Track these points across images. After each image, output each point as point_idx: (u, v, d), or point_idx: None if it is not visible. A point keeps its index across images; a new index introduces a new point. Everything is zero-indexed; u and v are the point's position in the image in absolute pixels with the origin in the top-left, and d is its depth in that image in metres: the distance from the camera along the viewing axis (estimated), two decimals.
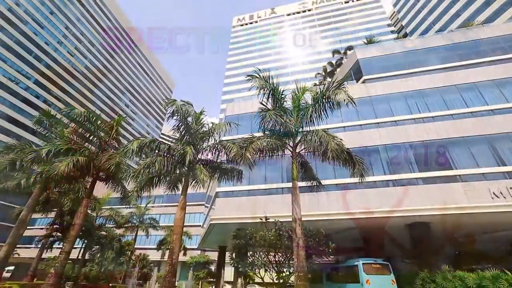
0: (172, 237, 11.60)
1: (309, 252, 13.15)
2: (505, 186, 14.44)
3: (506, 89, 18.27)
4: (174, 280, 10.72)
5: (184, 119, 12.83)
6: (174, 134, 14.12)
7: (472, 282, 12.04)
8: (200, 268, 38.79)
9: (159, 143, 12.41)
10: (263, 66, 13.06)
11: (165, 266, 11.03)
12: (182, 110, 12.45)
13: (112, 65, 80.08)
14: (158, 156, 11.91)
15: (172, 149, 12.46)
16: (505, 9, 47.71)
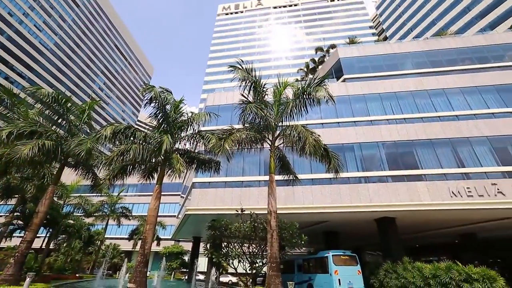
0: (145, 227, 11.35)
1: (283, 243, 13.53)
2: (463, 186, 15.73)
3: (470, 97, 19.70)
4: (146, 270, 10.54)
5: (163, 106, 12.42)
6: (151, 122, 13.65)
7: (428, 272, 13.12)
8: (174, 258, 38.46)
9: (135, 130, 11.94)
10: (246, 58, 12.97)
11: (137, 256, 10.79)
12: (160, 97, 12.02)
13: (85, 44, 74.84)
14: (133, 143, 11.47)
15: (149, 137, 12.06)
16: (475, 22, 50.99)
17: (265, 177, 16.60)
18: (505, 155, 16.83)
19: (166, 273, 35.10)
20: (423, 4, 64.38)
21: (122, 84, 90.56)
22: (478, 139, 17.57)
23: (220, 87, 66.38)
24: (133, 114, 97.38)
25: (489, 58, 22.57)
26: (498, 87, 19.86)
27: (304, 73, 47.45)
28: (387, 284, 14.70)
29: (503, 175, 16.04)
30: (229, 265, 14.19)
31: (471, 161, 16.86)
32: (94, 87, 76.74)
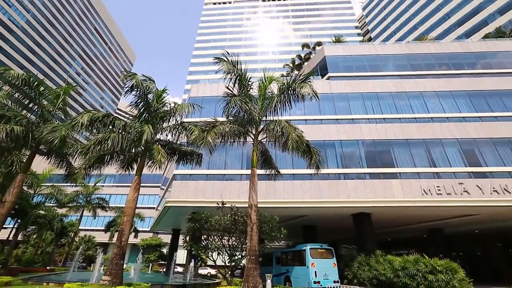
0: (122, 218, 11.05)
1: (262, 237, 13.74)
2: (433, 184, 16.69)
3: (444, 101, 20.77)
4: (122, 263, 10.32)
5: (144, 95, 12.00)
6: (132, 111, 13.16)
7: (398, 265, 13.92)
8: (152, 250, 37.91)
9: (114, 119, 11.47)
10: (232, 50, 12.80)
11: (113, 249, 10.52)
12: (142, 86, 11.60)
13: (61, 24, 70.19)
14: (112, 132, 11.02)
15: (129, 126, 11.64)
16: (453, 29, 53.47)
17: (247, 171, 16.66)
18: (471, 156, 18.00)
19: (144, 266, 34.59)
20: (407, 8, 66.41)
21: (101, 70, 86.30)
22: (449, 141, 18.64)
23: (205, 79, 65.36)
24: (113, 102, 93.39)
25: (463, 65, 23.83)
26: (469, 92, 21.08)
27: (290, 69, 47.68)
28: (360, 276, 15.43)
29: (469, 175, 17.18)
30: (208, 258, 14.23)
31: (442, 162, 17.89)
32: (71, 71, 72.56)
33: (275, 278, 17.73)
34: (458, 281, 12.28)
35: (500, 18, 46.10)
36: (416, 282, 12.92)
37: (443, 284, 12.27)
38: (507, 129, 18.90)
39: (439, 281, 12.35)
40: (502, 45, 25.03)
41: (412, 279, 13.12)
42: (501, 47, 24.73)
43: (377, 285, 14.59)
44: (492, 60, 23.94)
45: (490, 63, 23.75)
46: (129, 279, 13.58)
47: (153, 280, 16.88)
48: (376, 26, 76.59)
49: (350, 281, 15.76)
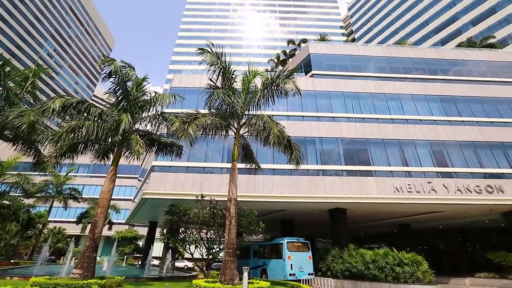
0: (96, 210, 10.64)
1: (241, 230, 13.85)
2: (405, 183, 17.63)
3: (419, 104, 21.84)
4: (95, 256, 9.98)
5: (123, 83, 11.50)
6: (109, 98, 12.59)
7: (369, 258, 14.65)
8: (127, 243, 36.98)
9: (90, 106, 10.91)
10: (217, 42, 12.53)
11: (85, 241, 10.13)
12: (121, 73, 11.10)
13: (32, 1, 65.03)
14: (87, 120, 10.49)
15: (105, 114, 11.12)
16: (430, 36, 56.06)
17: (228, 164, 16.62)
18: (440, 157, 19.19)
19: (118, 258, 33.69)
20: (389, 12, 68.56)
21: (76, 53, 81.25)
22: (421, 142, 19.71)
23: (188, 69, 63.80)
24: (88, 88, 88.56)
25: (437, 71, 25.14)
26: (441, 97, 22.32)
27: (274, 64, 47.73)
28: (333, 268, 16.07)
29: (437, 174, 18.33)
30: (186, 251, 14.13)
31: (414, 161, 18.90)
32: (42, 52, 67.64)
33: (252, 270, 18.02)
34: (421, 273, 13.18)
35: (472, 28, 48.96)
36: (384, 274, 13.69)
37: (408, 276, 13.11)
38: (472, 133, 20.30)
39: (405, 272, 13.18)
40: (472, 54, 26.68)
41: (381, 271, 13.89)
42: (471, 57, 26.35)
43: (349, 277, 15.30)
44: (462, 68, 25.46)
45: (461, 71, 25.25)
46: (102, 272, 13.19)
47: (128, 273, 16.53)
48: (360, 27, 78.45)
49: (324, 273, 16.38)
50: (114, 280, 9.54)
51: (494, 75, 24.95)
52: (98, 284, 8.26)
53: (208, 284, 8.54)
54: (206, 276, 12.93)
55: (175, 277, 14.56)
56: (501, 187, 17.82)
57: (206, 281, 9.44)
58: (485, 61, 25.97)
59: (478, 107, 21.98)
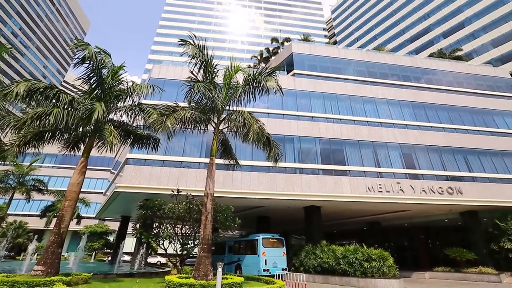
0: (63, 203, 10.05)
1: (217, 226, 13.80)
2: (376, 183, 18.53)
3: (393, 108, 22.97)
4: (60, 251, 9.43)
5: (98, 70, 10.88)
6: (82, 86, 11.86)
7: (340, 254, 15.28)
8: (96, 238, 35.35)
9: (59, 92, 10.21)
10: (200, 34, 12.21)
11: (50, 236, 9.54)
12: (96, 59, 10.48)
13: None
14: (55, 107, 9.81)
15: (77, 102, 10.47)
16: (406, 44, 59.00)
17: (206, 159, 16.43)
18: (409, 160, 20.38)
19: (86, 254, 32.18)
20: (370, 19, 71.06)
21: (45, 34, 75.34)
22: (393, 144, 20.78)
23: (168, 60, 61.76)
24: (58, 72, 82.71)
25: (411, 78, 26.55)
26: (412, 103, 23.65)
27: (257, 61, 47.67)
28: (306, 264, 16.58)
29: (405, 176, 19.46)
30: (159, 246, 13.82)
31: (385, 163, 19.90)
32: (5, 30, 61.94)
33: (226, 266, 18.07)
34: (387, 268, 14.01)
35: (443, 40, 52.22)
36: (353, 269, 14.37)
37: (375, 270, 13.88)
38: (438, 138, 21.76)
39: (372, 267, 13.93)
40: (442, 65, 28.49)
41: (350, 266, 14.56)
42: (441, 67, 28.14)
43: (321, 272, 15.87)
44: (433, 77, 27.12)
45: (431, 79, 26.88)
46: (67, 269, 12.54)
47: (96, 269, 15.86)
48: (341, 31, 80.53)
49: (297, 268, 16.84)
50: (80, 277, 9.11)
51: (460, 86, 26.88)
52: (62, 281, 7.84)
53: (181, 280, 8.43)
54: (179, 272, 12.76)
55: (147, 273, 14.21)
56: (460, 189, 19.33)
57: (179, 277, 9.31)
58: (453, 72, 27.88)
59: (445, 114, 23.58)
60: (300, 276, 13.01)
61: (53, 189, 29.12)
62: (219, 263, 8.42)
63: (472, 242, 20.60)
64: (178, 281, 8.20)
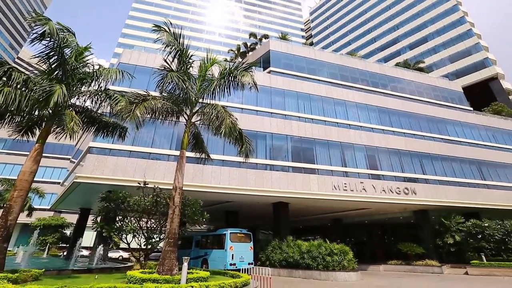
0: (12, 193, 9.12)
1: (184, 220, 13.55)
2: (342, 181, 19.50)
3: (361, 112, 24.23)
4: (6, 246, 8.58)
5: (59, 48, 9.95)
6: (39, 64, 10.79)
7: (304, 248, 15.90)
8: (51, 231, 32.67)
9: (11, 69, 9.17)
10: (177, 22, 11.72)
11: None
12: (58, 36, 9.57)
13: None
14: (6, 86, 8.81)
15: (33, 82, 9.50)
16: (376, 52, 62.44)
17: (176, 151, 15.99)
18: (372, 161, 21.73)
19: (38, 249, 29.67)
20: (345, 24, 73.90)
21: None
22: (359, 146, 21.98)
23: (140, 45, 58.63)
24: (12, 48, 74.15)
25: (379, 84, 28.22)
26: (379, 108, 25.17)
27: (234, 55, 47.20)
28: (272, 258, 17.02)
29: (368, 176, 20.73)
30: (122, 240, 13.22)
31: (351, 163, 21.00)
32: None
33: (192, 261, 17.88)
34: (347, 261, 14.92)
35: (409, 52, 56.17)
36: (316, 263, 15.07)
37: (336, 264, 14.70)
38: (399, 142, 23.47)
39: (334, 261, 14.74)
40: (406, 74, 30.69)
41: (314, 260, 15.24)
42: (406, 76, 30.31)
43: (285, 266, 16.40)
44: (398, 85, 29.11)
45: (396, 87, 28.84)
46: (14, 265, 11.47)
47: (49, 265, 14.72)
48: (318, 33, 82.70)
49: (263, 262, 17.21)
50: (30, 274, 8.37)
51: (420, 95, 29.20)
52: (7, 278, 7.16)
53: (144, 275, 8.17)
54: (142, 266, 12.34)
55: (107, 269, 13.51)
56: (415, 189, 21.12)
57: (142, 272, 9.01)
58: (415, 82, 30.18)
59: (406, 120, 25.46)
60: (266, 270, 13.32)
61: (1, 177, 26.30)
62: (185, 257, 8.32)
63: (422, 238, 22.71)
64: (141, 276, 7.94)
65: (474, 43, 48.01)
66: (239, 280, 8.79)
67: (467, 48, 48.60)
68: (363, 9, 69.83)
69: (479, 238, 19.60)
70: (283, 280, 14.66)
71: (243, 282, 8.85)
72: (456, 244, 20.65)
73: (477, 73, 46.43)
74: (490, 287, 12.59)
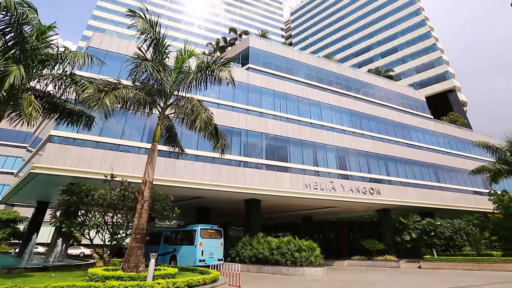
0: None
1: (153, 215, 13.12)
2: (313, 180, 20.14)
3: (334, 114, 25.15)
4: None
5: (18, 25, 9.02)
6: None
7: (274, 245, 16.24)
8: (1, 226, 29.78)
9: None
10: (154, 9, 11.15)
11: None
12: (16, 10, 8.67)
13: None
14: None
15: None
16: (351, 58, 65.12)
17: (147, 144, 15.39)
18: (342, 161, 22.72)
19: None
20: (323, 28, 76.00)
21: None
22: (331, 147, 22.84)
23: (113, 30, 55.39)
24: None
25: (352, 88, 29.50)
26: (351, 111, 26.32)
27: (213, 49, 46.39)
28: (242, 254, 17.14)
29: (338, 176, 21.64)
30: (84, 236, 12.45)
31: (323, 162, 21.76)
32: None
33: (161, 257, 17.41)
34: (314, 257, 15.52)
35: (381, 59, 59.40)
36: (285, 259, 15.47)
37: (304, 259, 15.22)
38: (367, 145, 24.77)
39: (302, 257, 15.24)
40: (377, 81, 32.43)
41: (283, 256, 15.62)
42: (377, 82, 32.02)
43: (255, 262, 16.62)
44: (369, 90, 30.67)
45: (368, 92, 30.37)
46: None
47: None
48: (298, 34, 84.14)
49: (233, 259, 17.28)
50: None
51: (389, 101, 31.06)
52: None
53: (107, 272, 7.77)
54: (106, 263, 11.74)
55: (66, 266, 12.65)
56: (379, 190, 22.49)
57: (105, 269, 8.58)
58: (385, 89, 32.02)
59: (374, 124, 26.93)
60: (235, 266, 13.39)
61: None
62: (152, 253, 8.07)
63: (383, 235, 24.31)
64: (104, 273, 7.55)
65: (437, 57, 52.11)
66: (208, 277, 8.73)
67: (431, 60, 52.61)
68: (342, 14, 72.30)
69: (432, 235, 21.44)
70: (252, 276, 14.84)
71: (212, 278, 8.81)
72: (412, 240, 22.40)
73: (438, 85, 50.58)
74: (436, 278, 13.88)
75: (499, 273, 15.48)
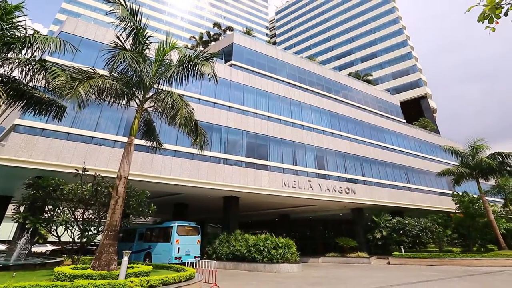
0: None
1: (128, 211, 12.68)
2: (292, 179, 20.49)
3: (315, 114, 25.70)
4: None
5: None
6: None
7: (251, 242, 16.34)
8: None
9: None
10: None
11: None
12: None
13: None
14: None
15: None
16: (332, 60, 66.81)
17: (124, 138, 14.83)
18: (320, 161, 23.32)
19: None
20: (307, 29, 77.17)
21: None
22: (310, 146, 23.34)
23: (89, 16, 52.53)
24: None
25: (332, 90, 30.29)
26: (330, 112, 27.04)
27: (196, 43, 45.43)
28: (219, 252, 17.09)
29: (316, 175, 22.19)
30: (51, 233, 11.74)
31: (302, 162, 22.19)
32: None
33: (135, 254, 16.91)
34: (290, 254, 15.83)
35: (360, 64, 61.53)
36: (262, 256, 15.63)
37: (280, 257, 15.48)
38: (345, 146, 25.61)
39: (278, 254, 15.48)
40: (356, 84, 33.56)
41: (260, 253, 15.77)
42: (356, 86, 33.13)
43: (232, 259, 16.64)
44: (348, 93, 31.67)
45: (347, 94, 31.34)
46: None
47: None
48: (282, 33, 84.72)
49: (210, 256, 17.18)
50: None
51: (366, 104, 32.28)
52: None
53: (75, 271, 7.39)
54: (74, 262, 11.18)
55: (30, 265, 11.86)
56: (355, 189, 23.37)
57: (73, 268, 8.17)
58: (363, 92, 33.23)
59: (352, 126, 27.89)
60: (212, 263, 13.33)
61: None
62: (126, 251, 7.80)
63: (356, 233, 25.34)
64: (71, 272, 7.18)
65: (412, 65, 54.97)
66: (184, 274, 8.61)
67: (406, 68, 55.42)
68: (326, 17, 73.80)
69: (401, 233, 22.70)
70: (229, 273, 14.85)
71: (188, 276, 8.70)
72: (383, 238, 23.58)
73: (412, 91, 53.44)
74: (402, 273, 14.75)
75: (458, 268, 16.81)
